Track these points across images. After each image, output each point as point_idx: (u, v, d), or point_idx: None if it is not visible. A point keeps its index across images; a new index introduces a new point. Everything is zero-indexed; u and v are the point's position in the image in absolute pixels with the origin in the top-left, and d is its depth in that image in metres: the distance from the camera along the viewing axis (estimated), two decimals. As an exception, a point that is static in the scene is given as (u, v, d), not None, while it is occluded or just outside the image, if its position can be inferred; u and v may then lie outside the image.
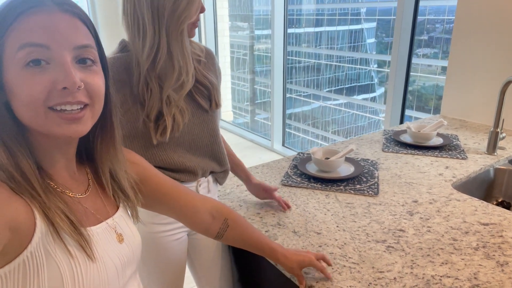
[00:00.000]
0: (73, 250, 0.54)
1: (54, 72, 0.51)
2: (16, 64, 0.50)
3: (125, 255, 0.63)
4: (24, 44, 0.50)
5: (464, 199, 1.18)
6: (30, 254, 0.50)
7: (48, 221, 0.52)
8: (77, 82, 0.52)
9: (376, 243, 0.97)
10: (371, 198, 1.20)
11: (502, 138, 1.51)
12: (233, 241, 0.88)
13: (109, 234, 0.62)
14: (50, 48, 0.51)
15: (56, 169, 0.59)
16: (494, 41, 1.80)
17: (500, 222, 1.06)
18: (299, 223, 1.07)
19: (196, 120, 1.00)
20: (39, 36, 0.50)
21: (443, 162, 1.45)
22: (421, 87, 8.23)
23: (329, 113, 10.26)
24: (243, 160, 1.22)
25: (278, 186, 1.29)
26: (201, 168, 1.03)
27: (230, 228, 0.86)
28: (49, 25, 0.51)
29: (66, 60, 0.52)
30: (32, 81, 0.50)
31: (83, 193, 0.62)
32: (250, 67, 8.30)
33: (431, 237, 0.99)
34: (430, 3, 8.01)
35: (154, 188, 0.76)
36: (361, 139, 1.74)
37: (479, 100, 1.92)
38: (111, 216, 0.64)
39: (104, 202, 0.65)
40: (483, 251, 0.93)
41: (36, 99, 0.51)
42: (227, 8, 5.64)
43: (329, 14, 9.62)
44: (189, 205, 0.81)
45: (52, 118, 0.52)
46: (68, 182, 0.60)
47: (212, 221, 0.84)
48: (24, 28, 0.50)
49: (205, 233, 0.86)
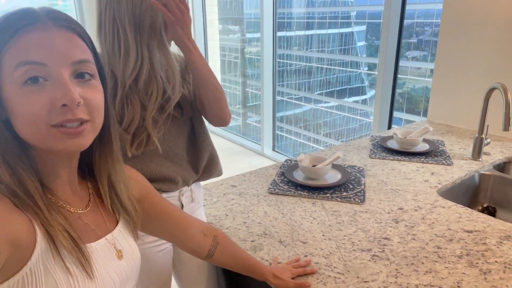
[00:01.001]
0: (72, 268, 0.54)
1: (53, 89, 0.51)
2: (15, 83, 0.50)
3: (124, 271, 0.63)
4: (20, 62, 0.50)
5: (449, 206, 1.19)
6: (30, 271, 0.50)
7: (49, 237, 0.52)
8: (76, 98, 0.51)
9: (362, 252, 0.97)
10: (357, 205, 1.20)
11: (487, 144, 1.53)
12: (223, 259, 0.89)
13: (108, 251, 0.62)
14: (47, 65, 0.51)
15: (57, 184, 0.59)
16: (480, 46, 1.83)
17: (484, 229, 1.07)
18: (285, 232, 1.06)
19: (170, 127, 0.99)
20: (36, 53, 0.50)
21: (429, 168, 1.46)
22: (410, 89, 8.31)
23: (321, 116, 10.31)
24: (233, 165, 1.22)
25: (265, 194, 1.29)
26: (181, 176, 1.02)
27: (220, 245, 0.87)
28: (45, 42, 0.51)
29: (64, 77, 0.51)
30: (31, 99, 0.50)
31: (83, 208, 0.62)
32: (241, 70, 8.30)
33: (416, 245, 1.00)
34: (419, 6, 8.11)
35: (150, 205, 0.76)
36: (349, 145, 1.74)
37: (465, 105, 1.94)
38: (111, 231, 0.64)
39: (104, 218, 0.65)
40: (466, 259, 0.94)
41: (38, 117, 0.51)
42: (216, 13, 5.64)
43: (319, 18, 9.68)
44: (183, 221, 0.82)
45: (53, 134, 0.52)
46: (69, 197, 0.60)
47: (203, 238, 0.84)
48: (20, 46, 0.50)
49: (196, 252, 0.86)
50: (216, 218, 1.15)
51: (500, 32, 1.74)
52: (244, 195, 1.29)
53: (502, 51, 1.75)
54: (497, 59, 1.78)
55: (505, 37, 1.73)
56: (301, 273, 0.89)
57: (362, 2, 9.91)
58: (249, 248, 1.00)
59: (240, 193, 1.29)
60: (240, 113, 8.70)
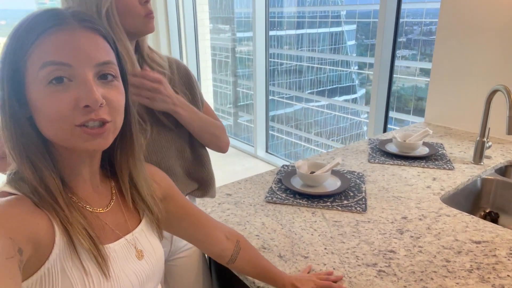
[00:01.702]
0: (88, 268, 0.54)
1: (77, 90, 0.52)
2: (40, 82, 0.51)
3: (144, 271, 0.62)
4: (46, 62, 0.51)
5: (454, 214, 1.15)
6: (47, 271, 0.51)
7: (67, 236, 0.52)
8: (99, 99, 0.52)
9: (367, 267, 0.91)
10: (359, 215, 1.15)
11: (488, 147, 1.49)
12: (244, 265, 0.85)
13: (128, 251, 0.61)
14: (72, 66, 0.52)
15: (78, 183, 0.59)
16: (479, 46, 1.79)
17: (493, 239, 1.02)
18: (285, 246, 1.00)
19: (163, 138, 0.93)
20: (62, 54, 0.51)
21: (430, 173, 1.42)
22: (400, 88, 8.35)
23: (312, 115, 10.30)
24: (227, 168, 1.16)
25: (262, 203, 1.22)
26: None
27: (242, 250, 0.84)
28: (71, 43, 0.52)
29: (88, 78, 0.52)
30: (56, 99, 0.51)
31: (104, 207, 0.62)
32: (232, 70, 8.24)
33: (423, 258, 0.94)
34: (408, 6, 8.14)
35: (175, 206, 0.75)
36: (347, 149, 1.69)
37: (463, 107, 1.91)
38: (131, 231, 0.64)
39: (125, 217, 0.65)
40: (477, 274, 0.89)
41: (62, 117, 0.52)
42: (207, 12, 5.55)
43: (310, 17, 9.66)
44: (207, 224, 0.80)
45: (77, 133, 0.53)
46: (90, 195, 0.61)
47: (226, 241, 0.82)
48: (46, 46, 0.51)
49: (219, 255, 0.83)
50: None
51: (499, 33, 1.70)
52: (240, 204, 1.22)
53: (500, 52, 1.71)
54: (495, 61, 1.74)
55: (504, 39, 1.69)
56: (326, 286, 0.83)
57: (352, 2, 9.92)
58: (247, 264, 0.93)
59: (235, 202, 1.23)
60: (231, 113, 8.64)
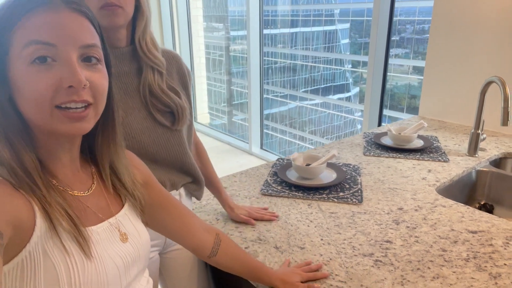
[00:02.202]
0: (70, 249, 0.53)
1: (60, 70, 0.51)
2: (22, 61, 0.50)
3: (129, 254, 0.62)
4: (30, 41, 0.50)
5: (450, 204, 1.14)
6: (29, 254, 0.50)
7: (47, 217, 0.52)
8: (82, 80, 0.52)
9: (363, 257, 0.91)
10: (355, 206, 1.14)
11: (483, 139, 1.50)
12: (227, 260, 0.83)
13: (111, 234, 0.61)
14: (56, 46, 0.51)
15: (58, 167, 0.58)
16: (472, 41, 1.79)
17: (489, 229, 1.02)
18: (281, 237, 0.99)
19: (158, 130, 0.91)
20: (46, 34, 0.51)
21: (425, 166, 1.42)
22: (393, 86, 8.39)
23: (306, 113, 10.31)
24: (221, 165, 1.15)
25: (258, 196, 1.21)
26: (169, 180, 0.94)
27: (223, 243, 0.82)
28: (57, 24, 0.51)
29: (72, 59, 0.52)
30: (38, 78, 0.50)
31: (85, 191, 0.61)
32: (226, 68, 8.22)
33: (420, 248, 0.94)
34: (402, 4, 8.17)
35: (155, 193, 0.74)
36: (342, 142, 1.69)
37: (457, 100, 1.91)
38: (115, 215, 0.63)
39: (108, 201, 0.64)
40: (474, 263, 0.88)
41: (43, 96, 0.51)
42: (201, 8, 5.52)
43: (303, 15, 9.67)
44: (186, 214, 0.79)
45: (57, 116, 0.52)
46: (70, 180, 0.60)
47: (206, 234, 0.81)
48: (31, 25, 0.50)
49: (199, 249, 0.81)
50: (206, 223, 1.06)
51: (493, 26, 1.71)
52: (235, 197, 1.21)
53: (494, 45, 1.72)
54: (489, 54, 1.74)
55: (497, 31, 1.70)
56: (311, 278, 0.83)
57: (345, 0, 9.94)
58: (243, 255, 0.92)
59: (231, 195, 1.21)
60: (226, 112, 8.61)
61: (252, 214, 1.06)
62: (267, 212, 1.09)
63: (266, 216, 1.06)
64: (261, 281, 0.83)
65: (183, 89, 0.98)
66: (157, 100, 0.90)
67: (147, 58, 0.89)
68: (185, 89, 0.99)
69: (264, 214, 1.07)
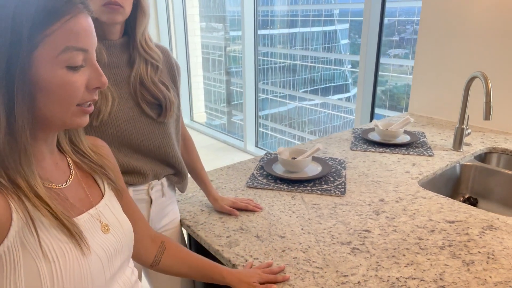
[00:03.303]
0: (51, 243, 0.52)
1: (88, 73, 0.56)
2: (57, 64, 0.52)
3: (111, 245, 0.62)
4: (69, 47, 0.53)
5: (430, 196, 1.17)
6: (7, 249, 0.50)
7: (26, 211, 0.51)
8: (106, 81, 0.58)
9: (341, 245, 0.93)
10: (338, 198, 1.16)
11: (468, 134, 1.52)
12: (172, 265, 0.82)
13: (92, 225, 0.60)
14: (88, 51, 0.55)
15: (39, 159, 0.59)
16: (459, 39, 1.82)
17: (466, 219, 1.04)
18: (262, 227, 1.02)
19: (144, 121, 0.94)
20: (83, 40, 0.54)
21: (410, 160, 1.44)
22: (393, 86, 8.40)
23: (305, 113, 10.32)
24: (216, 162, 1.18)
25: (243, 188, 1.24)
26: (151, 170, 0.96)
27: (168, 250, 0.82)
28: (89, 30, 0.55)
29: (95, 61, 0.57)
30: (71, 82, 0.54)
31: (63, 183, 0.61)
32: (225, 68, 8.23)
33: (397, 237, 0.96)
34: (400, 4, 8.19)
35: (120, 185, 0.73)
36: (330, 138, 1.71)
37: (445, 97, 1.93)
38: (95, 205, 0.63)
39: (87, 192, 0.64)
40: (449, 250, 0.91)
41: (72, 98, 0.54)
42: (197, 7, 5.55)
43: (303, 16, 9.69)
44: (138, 220, 0.78)
45: (75, 111, 0.56)
46: (49, 172, 0.60)
47: (151, 244, 0.81)
48: (70, 30, 0.53)
49: (141, 256, 0.80)
50: (190, 214, 1.09)
51: (479, 23, 1.73)
52: (221, 189, 1.23)
53: (481, 42, 1.74)
54: (476, 51, 1.77)
55: (484, 28, 1.72)
56: (271, 280, 0.80)
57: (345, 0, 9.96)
58: (224, 244, 0.94)
59: (217, 187, 1.24)
60: (225, 112, 8.63)
61: (237, 204, 1.09)
62: (252, 202, 1.12)
63: (250, 206, 1.09)
64: (214, 280, 0.82)
65: (171, 82, 1.00)
66: (147, 92, 0.93)
67: (145, 53, 0.92)
68: (173, 82, 1.01)
69: (248, 204, 1.09)
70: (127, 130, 0.91)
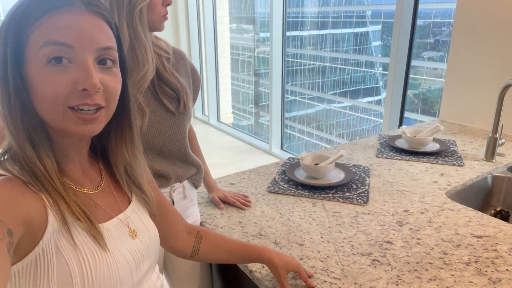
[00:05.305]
0: (83, 246, 0.54)
1: (76, 72, 0.52)
2: (39, 60, 0.50)
3: (138, 250, 0.63)
4: (48, 41, 0.50)
5: (458, 208, 1.12)
6: (42, 251, 0.51)
7: (61, 215, 0.52)
8: (97, 84, 0.52)
9: (361, 256, 0.91)
10: (360, 207, 1.14)
11: (501, 144, 1.45)
12: (212, 253, 0.84)
13: (121, 230, 0.62)
14: (74, 48, 0.51)
15: (70, 166, 0.59)
16: (494, 44, 1.74)
17: (495, 234, 0.99)
18: (281, 233, 1.01)
19: (166, 122, 0.95)
20: (65, 35, 0.51)
21: (439, 169, 1.39)
22: (426, 90, 8.13)
23: (334, 116, 10.19)
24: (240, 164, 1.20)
25: (264, 193, 1.24)
26: (174, 173, 0.98)
27: (205, 239, 0.83)
28: (76, 25, 0.52)
29: (88, 62, 0.52)
30: (54, 79, 0.51)
31: (94, 189, 0.62)
32: (254, 69, 8.26)
33: (420, 250, 0.93)
34: (436, 6, 7.93)
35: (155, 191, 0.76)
36: (355, 144, 1.68)
37: (479, 104, 1.85)
38: (123, 211, 0.64)
39: (116, 198, 0.65)
40: (475, 267, 0.87)
41: (57, 97, 0.51)
42: (227, 10, 5.60)
43: (334, 17, 9.57)
44: (174, 216, 0.81)
45: (69, 116, 0.53)
46: (80, 178, 0.61)
47: (188, 236, 0.82)
48: (50, 25, 0.51)
49: (181, 250, 0.82)
50: (210, 217, 1.10)
51: (518, 27, 1.65)
52: (241, 193, 1.24)
53: (520, 47, 1.65)
54: (510, 58, 1.68)
55: (523, 32, 1.63)
56: (302, 274, 0.81)
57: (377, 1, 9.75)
58: (242, 249, 0.95)
59: (237, 191, 1.25)
60: (253, 113, 8.66)
61: (228, 198, 1.15)
62: (242, 198, 1.17)
63: (237, 203, 1.14)
64: (253, 260, 0.83)
65: (189, 82, 1.03)
66: (164, 84, 0.95)
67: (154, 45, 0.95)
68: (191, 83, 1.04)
69: (237, 200, 1.15)
70: (149, 133, 0.93)
